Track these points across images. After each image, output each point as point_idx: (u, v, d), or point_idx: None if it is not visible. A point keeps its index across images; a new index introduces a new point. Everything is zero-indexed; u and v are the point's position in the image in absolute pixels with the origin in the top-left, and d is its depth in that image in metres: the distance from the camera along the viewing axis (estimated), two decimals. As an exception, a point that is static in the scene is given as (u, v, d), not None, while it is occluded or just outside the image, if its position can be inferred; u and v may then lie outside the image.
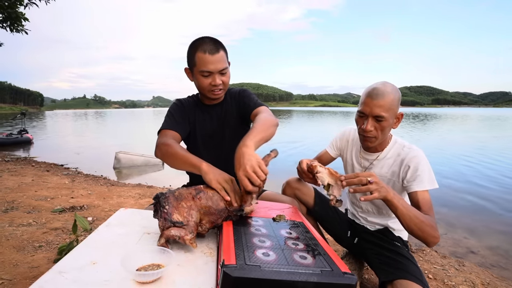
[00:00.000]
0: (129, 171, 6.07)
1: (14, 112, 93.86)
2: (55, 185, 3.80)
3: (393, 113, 1.08)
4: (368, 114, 1.08)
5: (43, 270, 1.50)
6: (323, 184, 1.03)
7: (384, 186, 0.94)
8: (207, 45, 1.13)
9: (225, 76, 1.19)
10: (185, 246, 0.81)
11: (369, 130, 1.09)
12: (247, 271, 0.58)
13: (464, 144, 9.77)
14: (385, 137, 1.15)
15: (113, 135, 15.40)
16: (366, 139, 1.13)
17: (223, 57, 1.17)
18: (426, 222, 0.94)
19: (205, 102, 1.32)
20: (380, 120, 1.07)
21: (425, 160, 1.10)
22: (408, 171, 1.09)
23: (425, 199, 1.03)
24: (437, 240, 0.95)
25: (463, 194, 4.16)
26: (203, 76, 1.16)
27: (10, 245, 1.81)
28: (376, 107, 1.05)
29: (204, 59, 1.13)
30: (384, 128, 1.09)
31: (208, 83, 1.17)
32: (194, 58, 1.15)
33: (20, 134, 9.81)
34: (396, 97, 1.08)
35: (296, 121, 26.91)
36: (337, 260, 0.68)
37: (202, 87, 1.20)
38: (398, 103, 1.09)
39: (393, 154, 1.17)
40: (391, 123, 1.09)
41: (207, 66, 1.13)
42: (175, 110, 1.29)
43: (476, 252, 2.42)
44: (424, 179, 1.05)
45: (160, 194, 0.83)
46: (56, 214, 2.51)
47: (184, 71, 1.25)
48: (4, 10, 6.29)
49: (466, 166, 6.06)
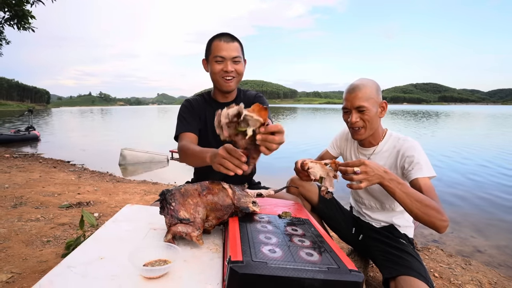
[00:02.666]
0: (134, 167, 6.13)
1: (22, 109, 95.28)
2: (62, 181, 3.86)
3: (374, 102, 1.13)
4: (350, 108, 1.15)
5: (51, 265, 1.53)
6: (316, 178, 1.04)
7: (377, 173, 0.94)
8: (223, 36, 1.23)
9: (238, 65, 1.25)
10: (191, 242, 0.81)
11: (354, 121, 1.14)
12: (254, 267, 0.58)
13: (470, 142, 9.64)
14: (374, 128, 1.17)
15: (119, 132, 15.54)
16: (355, 132, 1.17)
17: (238, 47, 1.24)
18: (431, 206, 0.93)
19: (218, 98, 1.36)
20: (362, 111, 1.12)
21: (421, 149, 1.12)
22: (405, 161, 1.11)
23: (427, 185, 1.02)
24: (446, 224, 0.93)
25: (470, 192, 4.11)
26: (216, 62, 1.23)
27: (19, 239, 1.84)
28: (355, 99, 1.12)
29: (219, 45, 1.22)
30: (369, 118, 1.13)
31: (220, 69, 1.23)
32: (211, 46, 1.24)
33: (28, 131, 9.96)
34: (374, 87, 1.14)
35: (300, 118, 26.80)
36: (343, 258, 0.67)
37: (214, 72, 1.25)
38: (377, 92, 1.15)
39: (389, 147, 1.20)
40: (375, 112, 1.14)
41: (220, 52, 1.21)
42: (185, 111, 1.34)
43: (483, 251, 2.39)
44: (422, 166, 1.06)
45: (166, 191, 0.84)
46: (63, 209, 2.55)
47: (202, 62, 1.33)
48: (11, 8, 6.36)
49: (474, 165, 5.98)
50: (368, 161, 0.94)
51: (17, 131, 9.71)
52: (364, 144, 1.27)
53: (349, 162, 0.96)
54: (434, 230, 0.96)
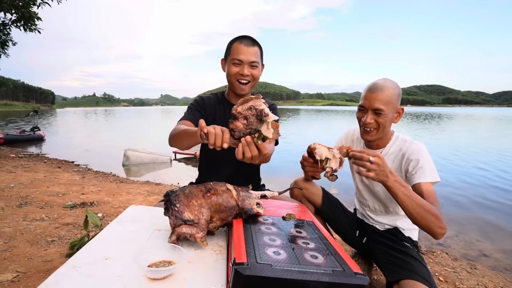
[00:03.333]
0: (138, 168, 6.16)
1: (27, 109, 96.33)
2: (66, 181, 3.89)
3: (393, 107, 1.11)
4: (367, 108, 1.12)
5: (56, 264, 1.54)
6: (321, 158, 1.02)
7: (385, 171, 0.93)
8: (244, 39, 1.24)
9: (255, 70, 1.26)
10: (195, 243, 0.81)
11: (368, 122, 1.12)
12: (259, 269, 0.58)
13: (473, 145, 9.55)
14: (385, 132, 1.16)
15: (122, 132, 15.64)
16: (366, 132, 1.16)
17: (257, 52, 1.25)
18: (430, 211, 0.93)
19: (231, 99, 1.36)
20: (379, 113, 1.10)
21: (426, 154, 1.10)
22: (409, 164, 1.10)
23: (429, 191, 1.01)
24: (443, 231, 0.93)
25: (475, 195, 4.07)
26: (234, 64, 1.23)
27: (25, 239, 1.86)
28: (375, 100, 1.09)
29: (238, 48, 1.23)
30: (384, 122, 1.11)
31: (237, 71, 1.24)
32: (231, 48, 1.25)
33: (33, 131, 10.06)
34: (396, 92, 1.11)
35: (303, 120, 26.73)
36: (348, 260, 0.67)
37: (230, 74, 1.26)
38: (397, 98, 1.12)
39: (395, 149, 1.19)
40: (390, 117, 1.12)
41: (239, 55, 1.22)
42: (194, 105, 1.37)
43: (488, 255, 2.36)
44: (426, 171, 1.06)
45: (170, 192, 0.84)
46: (67, 209, 2.57)
47: (220, 62, 1.34)
48: (18, 10, 6.45)
49: (479, 168, 5.92)
50: (383, 157, 0.94)
51: (23, 131, 9.82)
52: (371, 146, 1.26)
53: (365, 150, 0.95)
54: (431, 236, 0.96)
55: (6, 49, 7.58)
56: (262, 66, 1.32)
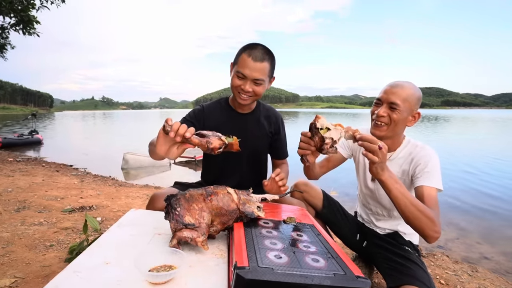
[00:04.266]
0: (137, 171, 6.14)
1: (25, 113, 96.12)
2: (65, 185, 3.87)
3: (409, 107, 1.08)
4: (384, 101, 1.09)
5: (54, 269, 1.53)
6: (321, 127, 0.95)
7: (383, 164, 0.91)
8: (255, 51, 1.15)
9: (258, 87, 1.19)
10: (196, 247, 0.81)
11: (381, 115, 1.08)
12: (260, 273, 0.58)
13: (471, 148, 9.58)
14: (396, 131, 1.12)
15: (121, 136, 15.61)
16: (376, 126, 1.11)
17: (265, 69, 1.17)
18: (424, 212, 0.90)
19: (235, 107, 1.34)
20: (394, 108, 1.07)
21: (436, 160, 1.08)
22: (417, 168, 1.09)
23: (430, 195, 0.99)
24: (437, 235, 0.91)
25: (475, 197, 4.07)
26: (238, 77, 1.18)
27: (23, 244, 1.84)
28: (393, 94, 1.07)
29: (245, 62, 1.15)
30: (397, 119, 1.07)
31: (238, 85, 1.19)
32: (239, 57, 1.19)
33: (31, 134, 10.02)
34: (416, 94, 1.09)
35: (302, 123, 26.80)
36: (349, 264, 0.67)
37: (232, 85, 1.22)
38: (416, 100, 1.10)
39: (405, 153, 1.16)
40: (405, 116, 1.08)
41: (243, 69, 1.15)
42: (189, 114, 1.35)
43: (489, 258, 2.36)
44: (432, 176, 1.04)
45: (171, 196, 0.84)
46: (66, 213, 2.55)
47: (230, 65, 1.28)
48: (17, 14, 6.47)
49: (477, 169, 5.93)
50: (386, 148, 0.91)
51: (21, 135, 9.78)
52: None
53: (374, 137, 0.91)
54: (423, 239, 0.94)
55: (4, 53, 7.58)
56: (271, 80, 1.26)
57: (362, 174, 1.32)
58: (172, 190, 1.25)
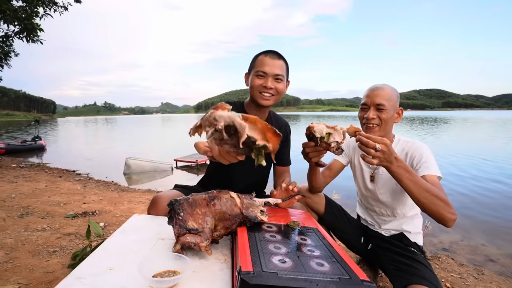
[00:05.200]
0: (139, 177, 6.15)
1: (28, 119, 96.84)
2: (68, 191, 3.88)
3: (393, 105, 1.16)
4: (369, 104, 1.17)
5: (58, 275, 1.52)
6: (321, 135, 0.94)
7: (390, 157, 0.91)
8: (270, 52, 1.23)
9: (279, 84, 1.23)
10: (199, 252, 0.81)
11: (371, 117, 1.15)
12: (265, 278, 0.58)
13: (472, 148, 9.53)
14: (387, 130, 1.18)
15: (123, 141, 15.67)
16: (369, 129, 1.17)
17: (283, 66, 1.23)
18: (439, 196, 0.92)
19: (250, 112, 1.32)
20: (381, 109, 1.14)
21: (429, 151, 1.13)
22: (414, 160, 1.13)
23: (435, 182, 1.01)
24: (454, 217, 0.91)
25: (480, 199, 4.04)
26: (258, 76, 1.21)
27: (26, 250, 1.84)
28: (377, 96, 1.15)
29: (263, 60, 1.21)
30: (386, 118, 1.14)
31: (260, 84, 1.21)
32: (255, 62, 1.23)
33: (34, 141, 10.09)
34: (395, 92, 1.18)
35: (303, 126, 26.81)
36: (354, 268, 0.66)
37: (253, 86, 1.23)
38: (397, 97, 1.19)
39: (399, 150, 1.20)
40: (392, 114, 1.16)
41: (263, 67, 1.20)
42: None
43: (495, 260, 2.33)
44: (430, 165, 1.08)
45: (174, 201, 0.84)
46: (69, 219, 2.55)
47: (244, 76, 1.32)
48: (21, 22, 6.56)
49: (483, 171, 5.89)
50: (390, 144, 0.92)
51: (24, 141, 9.85)
52: None
53: (372, 136, 0.92)
54: (442, 223, 0.94)
55: (8, 60, 7.67)
56: (287, 82, 1.29)
57: (360, 177, 1.34)
58: (174, 193, 1.25)
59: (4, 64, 7.65)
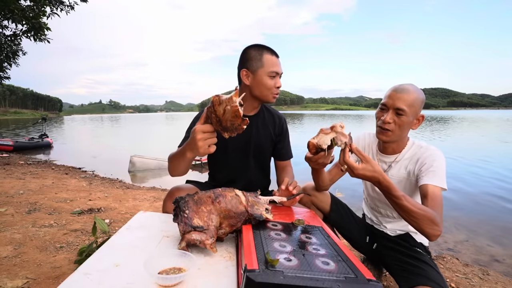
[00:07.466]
0: (144, 174, 6.20)
1: (36, 117, 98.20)
2: (74, 188, 3.93)
3: (414, 111, 1.09)
4: (389, 107, 1.09)
5: (64, 270, 1.55)
6: (327, 144, 0.94)
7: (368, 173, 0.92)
8: (271, 50, 1.23)
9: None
10: (204, 249, 0.81)
11: (387, 121, 1.09)
12: (270, 276, 0.58)
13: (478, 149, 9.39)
14: (402, 136, 1.14)
15: (128, 139, 15.79)
16: (383, 132, 1.12)
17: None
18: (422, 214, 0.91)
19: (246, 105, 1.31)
20: (400, 114, 1.07)
21: (441, 160, 1.09)
22: (422, 167, 1.09)
23: (435, 194, 0.99)
24: (438, 233, 0.92)
25: (485, 199, 3.98)
26: (271, 77, 1.21)
27: (34, 245, 1.88)
28: (399, 100, 1.07)
29: (273, 60, 1.21)
30: (403, 124, 1.08)
31: (273, 84, 1.23)
32: (262, 60, 1.20)
33: (41, 138, 10.23)
34: (420, 97, 1.10)
35: (307, 125, 26.68)
36: (360, 267, 0.66)
37: (267, 87, 1.22)
38: (421, 103, 1.11)
39: (410, 154, 1.17)
40: (410, 120, 1.09)
41: (276, 68, 1.21)
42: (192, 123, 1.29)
43: (501, 260, 2.30)
44: (437, 174, 1.04)
45: (179, 199, 0.84)
46: (75, 216, 2.59)
47: (240, 73, 1.25)
48: (29, 21, 6.63)
49: (486, 170, 5.81)
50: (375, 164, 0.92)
51: (31, 139, 9.99)
52: (386, 151, 1.23)
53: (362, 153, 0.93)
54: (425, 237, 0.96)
55: (16, 59, 7.76)
56: None
57: None
58: (190, 186, 1.29)
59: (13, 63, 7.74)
